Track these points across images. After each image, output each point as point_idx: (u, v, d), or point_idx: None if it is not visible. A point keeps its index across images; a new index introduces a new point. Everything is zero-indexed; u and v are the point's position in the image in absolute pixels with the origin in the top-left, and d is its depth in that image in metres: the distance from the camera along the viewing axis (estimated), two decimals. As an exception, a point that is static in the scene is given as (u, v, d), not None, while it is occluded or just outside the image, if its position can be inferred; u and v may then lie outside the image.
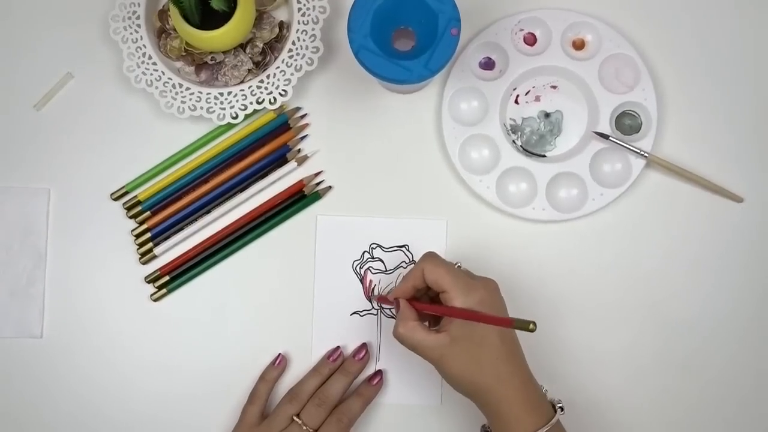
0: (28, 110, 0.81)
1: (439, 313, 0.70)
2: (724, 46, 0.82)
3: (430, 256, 0.72)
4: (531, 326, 0.62)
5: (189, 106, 0.78)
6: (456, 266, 0.72)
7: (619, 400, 0.80)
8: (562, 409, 0.70)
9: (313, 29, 0.78)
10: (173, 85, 0.78)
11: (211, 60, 0.79)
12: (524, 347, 0.71)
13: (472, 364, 0.68)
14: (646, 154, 0.79)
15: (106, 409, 0.80)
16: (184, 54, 0.80)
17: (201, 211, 0.81)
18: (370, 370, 0.80)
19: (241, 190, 0.81)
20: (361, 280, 0.81)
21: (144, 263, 0.81)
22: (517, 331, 0.70)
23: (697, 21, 0.82)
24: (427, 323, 0.71)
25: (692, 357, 0.80)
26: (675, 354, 0.80)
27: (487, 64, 0.82)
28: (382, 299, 0.78)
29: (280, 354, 0.80)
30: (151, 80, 0.78)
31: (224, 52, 0.79)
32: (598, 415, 0.80)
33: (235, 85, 0.79)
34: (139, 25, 0.78)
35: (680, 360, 0.80)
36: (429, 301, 0.74)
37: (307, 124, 0.82)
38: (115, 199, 0.81)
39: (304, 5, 0.78)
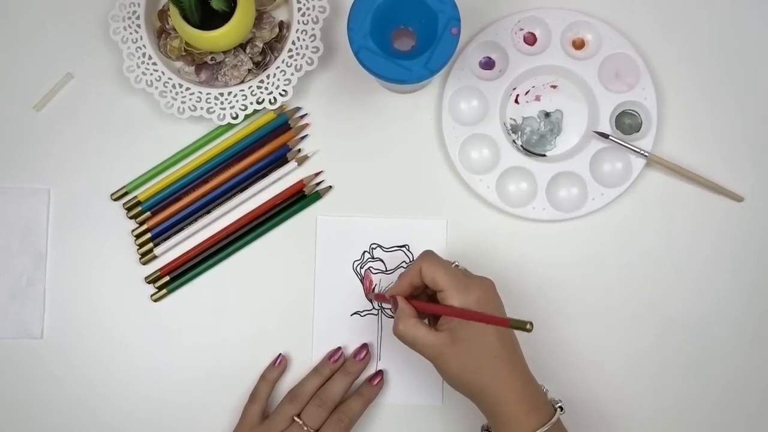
0: (28, 110, 0.81)
1: (436, 312, 0.70)
2: (725, 45, 0.82)
3: (428, 255, 0.71)
4: (528, 326, 0.62)
5: (189, 107, 0.78)
6: (453, 265, 0.72)
7: (619, 399, 0.80)
8: (561, 408, 0.70)
9: (313, 29, 0.78)
10: (173, 86, 0.78)
11: (211, 60, 0.79)
12: (524, 346, 0.71)
13: (470, 364, 0.68)
14: (646, 154, 0.79)
15: (106, 409, 0.80)
16: (184, 54, 0.80)
17: (201, 211, 0.81)
18: (370, 371, 0.80)
19: (242, 190, 0.81)
20: (361, 280, 0.81)
21: (144, 264, 0.81)
22: (517, 332, 0.70)
23: (697, 20, 0.82)
24: (426, 321, 0.71)
25: (692, 356, 0.80)
26: (675, 353, 0.80)
27: (487, 64, 0.82)
28: (379, 297, 0.78)
29: (280, 354, 0.80)
30: (151, 80, 0.78)
31: (224, 52, 0.79)
32: (598, 414, 0.80)
33: (235, 85, 0.79)
34: (139, 25, 0.78)
35: (680, 359, 0.80)
36: (427, 300, 0.74)
37: (307, 124, 0.82)
38: (115, 200, 0.81)
39: (304, 5, 0.78)
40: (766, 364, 0.80)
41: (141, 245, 0.81)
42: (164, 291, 0.80)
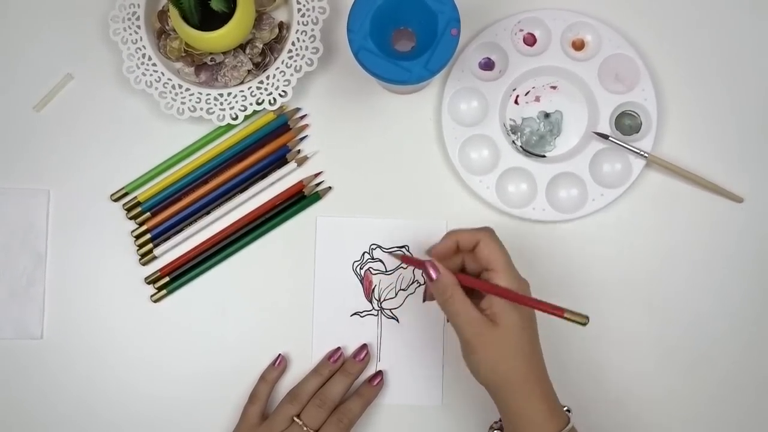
0: (28, 111, 0.81)
1: (485, 290, 0.67)
2: (724, 46, 0.82)
3: (490, 231, 0.69)
4: (585, 320, 0.63)
5: (189, 107, 0.78)
6: None
7: (619, 399, 0.80)
8: (569, 411, 0.70)
9: (312, 30, 0.78)
10: (173, 86, 0.78)
11: (211, 61, 0.79)
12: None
13: (504, 355, 0.66)
14: (645, 155, 0.79)
15: (106, 409, 0.80)
16: (183, 55, 0.80)
17: (201, 212, 0.81)
18: (370, 371, 0.80)
19: (241, 191, 0.81)
20: (361, 281, 0.81)
21: (144, 264, 0.81)
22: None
23: (696, 21, 0.82)
24: None
25: (692, 356, 0.80)
26: (675, 353, 0.80)
27: (487, 65, 0.82)
28: (409, 260, 0.72)
29: (280, 354, 0.80)
30: (150, 81, 0.78)
31: (224, 53, 0.79)
32: (597, 415, 0.80)
33: (235, 86, 0.79)
34: (138, 26, 0.78)
35: (680, 359, 0.80)
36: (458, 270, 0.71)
37: (306, 125, 0.82)
38: (115, 200, 0.81)
39: (304, 6, 0.78)
40: (766, 364, 0.80)
41: (141, 246, 0.81)
42: (164, 292, 0.80)
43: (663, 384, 0.80)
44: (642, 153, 0.79)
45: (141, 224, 0.81)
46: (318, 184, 0.81)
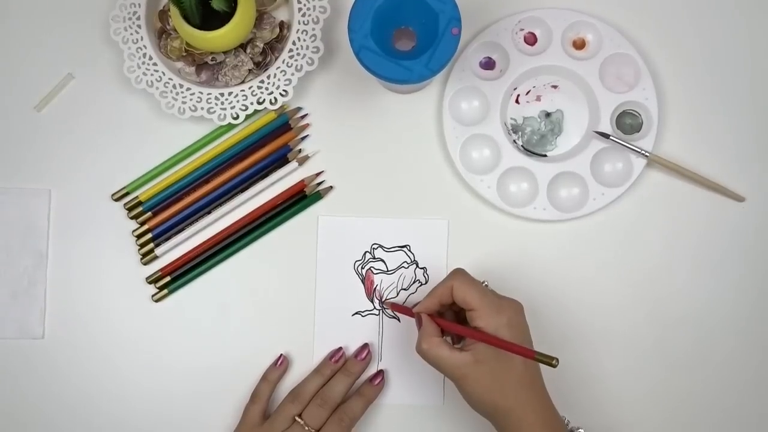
0: (29, 111, 0.81)
1: (462, 334, 0.70)
2: (725, 45, 0.82)
3: (459, 273, 0.71)
4: (554, 362, 0.62)
5: (190, 107, 0.78)
6: (483, 284, 0.72)
7: (619, 396, 0.80)
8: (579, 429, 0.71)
9: (313, 29, 0.78)
10: (174, 86, 0.78)
11: (212, 60, 0.79)
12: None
13: (494, 386, 0.68)
14: (647, 154, 0.79)
15: (108, 409, 0.80)
16: (184, 54, 0.80)
17: (202, 211, 0.81)
18: (371, 371, 0.80)
19: (242, 191, 0.81)
20: (362, 281, 0.81)
21: (145, 264, 0.81)
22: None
23: (697, 20, 0.82)
24: (448, 339, 0.71)
25: (693, 356, 0.80)
26: (675, 352, 0.80)
27: (488, 64, 0.82)
28: (399, 309, 0.77)
29: (281, 354, 0.80)
30: (151, 81, 0.78)
31: (225, 53, 0.79)
32: (597, 413, 0.80)
33: (236, 85, 0.79)
34: (139, 26, 0.78)
35: (680, 358, 0.80)
36: (454, 317, 0.74)
37: (307, 125, 0.82)
38: (116, 200, 0.81)
39: (305, 5, 0.78)
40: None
41: (142, 245, 0.81)
42: (165, 291, 0.80)
43: (659, 382, 0.80)
44: (643, 152, 0.79)
45: (142, 224, 0.81)
46: (319, 184, 0.81)
